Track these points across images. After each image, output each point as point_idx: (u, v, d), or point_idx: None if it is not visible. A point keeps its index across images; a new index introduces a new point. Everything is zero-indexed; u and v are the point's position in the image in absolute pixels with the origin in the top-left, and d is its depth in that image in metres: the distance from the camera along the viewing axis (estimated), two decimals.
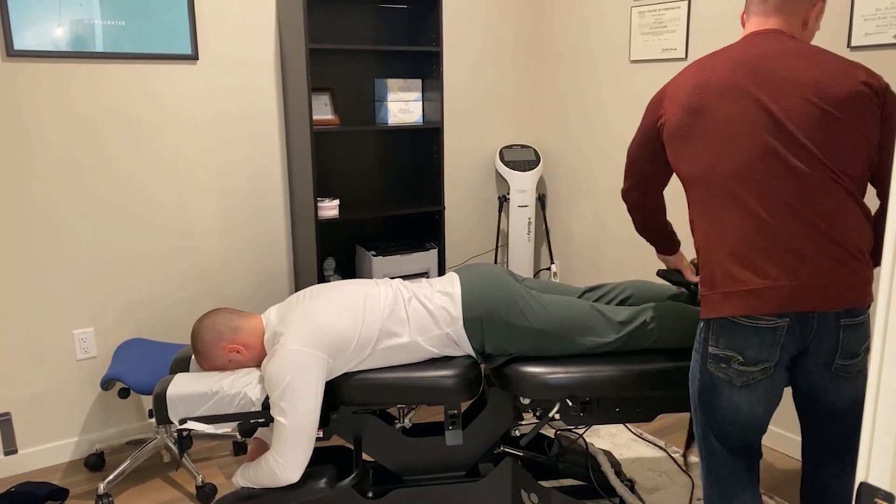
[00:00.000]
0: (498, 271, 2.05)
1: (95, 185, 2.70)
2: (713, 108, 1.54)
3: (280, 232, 3.14)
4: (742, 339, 1.51)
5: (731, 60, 1.56)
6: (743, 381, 1.54)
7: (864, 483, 0.79)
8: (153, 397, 1.86)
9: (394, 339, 1.92)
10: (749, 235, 1.49)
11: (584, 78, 3.41)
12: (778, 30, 1.59)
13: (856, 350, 1.52)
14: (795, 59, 1.51)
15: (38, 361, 2.69)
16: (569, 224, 3.63)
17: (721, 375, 1.56)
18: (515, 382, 1.94)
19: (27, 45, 2.48)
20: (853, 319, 1.50)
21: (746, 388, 1.54)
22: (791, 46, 1.54)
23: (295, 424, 1.77)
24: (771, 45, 1.55)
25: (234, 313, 1.98)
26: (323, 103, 3.01)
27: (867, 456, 0.79)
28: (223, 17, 2.84)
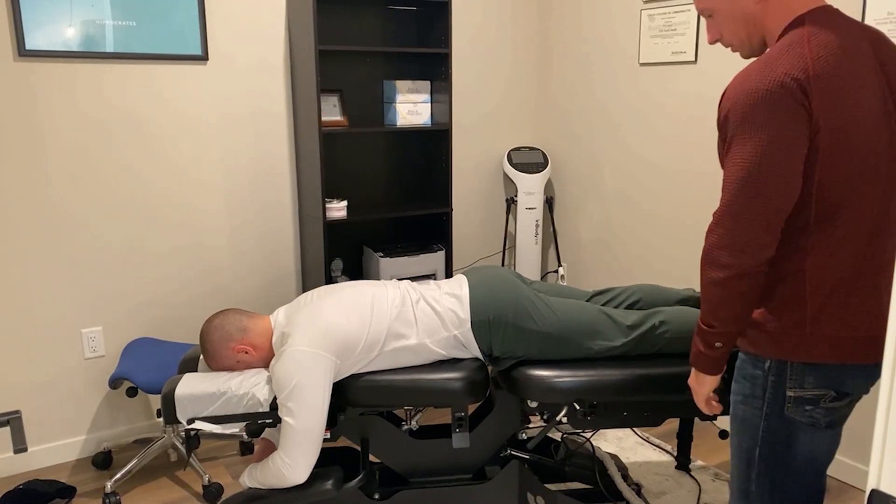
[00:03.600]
0: (506, 274, 2.05)
1: (104, 185, 2.72)
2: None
3: (288, 232, 3.14)
4: (840, 372, 1.31)
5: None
6: (829, 421, 1.34)
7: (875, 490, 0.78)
8: (161, 397, 1.86)
9: (401, 340, 1.92)
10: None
11: (594, 81, 3.40)
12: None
13: None
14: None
15: (47, 360, 2.71)
16: (577, 227, 3.62)
17: (803, 420, 1.33)
18: (523, 385, 1.93)
19: (39, 45, 2.50)
20: None
21: (830, 428, 1.35)
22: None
23: (303, 425, 1.77)
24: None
25: (242, 314, 1.99)
26: (332, 104, 3.01)
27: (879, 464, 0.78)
28: (233, 18, 2.85)
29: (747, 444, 1.40)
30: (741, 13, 1.36)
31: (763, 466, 1.38)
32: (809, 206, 1.27)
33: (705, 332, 1.37)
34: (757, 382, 1.36)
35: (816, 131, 1.23)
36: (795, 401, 1.32)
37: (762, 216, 1.24)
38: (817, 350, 1.30)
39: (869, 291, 1.30)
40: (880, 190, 1.28)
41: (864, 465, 2.51)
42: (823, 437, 1.35)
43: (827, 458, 1.39)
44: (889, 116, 1.29)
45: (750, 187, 1.24)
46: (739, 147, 1.26)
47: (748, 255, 1.26)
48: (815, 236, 1.28)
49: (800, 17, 1.30)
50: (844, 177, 1.25)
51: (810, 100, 1.22)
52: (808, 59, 1.23)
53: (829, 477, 2.59)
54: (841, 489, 2.53)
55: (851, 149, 1.25)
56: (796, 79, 1.21)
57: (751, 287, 1.29)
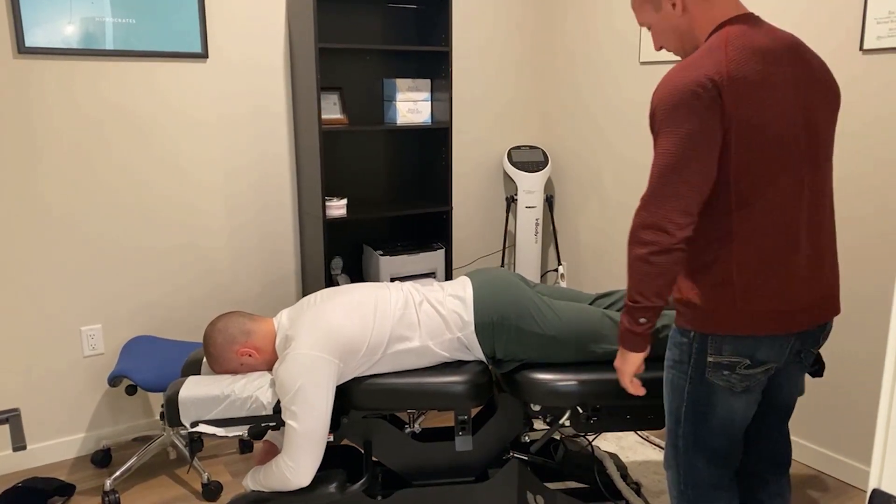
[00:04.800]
0: (510, 276, 2.04)
1: (104, 182, 2.71)
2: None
3: (288, 231, 3.14)
4: (753, 343, 1.48)
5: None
6: (745, 386, 1.51)
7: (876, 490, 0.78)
8: (165, 400, 1.86)
9: (404, 343, 1.92)
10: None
11: (594, 79, 3.40)
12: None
13: (824, 339, 1.61)
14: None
15: (46, 357, 2.70)
16: (576, 225, 3.62)
17: (721, 383, 1.51)
18: (526, 389, 1.93)
19: (38, 42, 2.49)
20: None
21: (745, 393, 1.53)
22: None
23: (306, 428, 1.77)
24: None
25: (246, 317, 1.98)
26: (332, 103, 3.01)
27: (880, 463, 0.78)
28: (233, 15, 2.85)
29: (676, 403, 1.59)
30: (670, 26, 1.53)
31: (688, 424, 1.57)
32: (728, 192, 1.42)
33: (630, 307, 1.52)
34: (683, 349, 1.54)
35: (729, 126, 1.38)
36: (714, 366, 1.49)
37: (682, 200, 1.40)
38: (741, 324, 1.46)
39: (791, 271, 1.45)
40: (793, 180, 1.43)
41: (864, 465, 2.51)
42: (739, 400, 1.53)
43: (744, 419, 1.57)
44: (805, 114, 1.43)
45: (671, 176, 1.40)
46: (663, 139, 1.41)
47: (668, 233, 1.42)
48: (738, 221, 1.43)
49: (721, 24, 1.47)
50: (756, 167, 1.40)
51: (723, 98, 1.37)
52: (724, 62, 1.38)
53: (829, 476, 2.60)
54: (841, 489, 2.53)
55: (762, 142, 1.39)
56: (712, 79, 1.36)
57: (671, 262, 1.44)
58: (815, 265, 1.49)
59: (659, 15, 1.53)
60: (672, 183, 1.40)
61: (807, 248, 1.47)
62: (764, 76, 1.39)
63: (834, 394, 2.57)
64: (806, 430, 2.68)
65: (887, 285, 2.39)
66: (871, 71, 2.34)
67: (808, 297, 1.49)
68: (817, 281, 1.50)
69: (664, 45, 1.59)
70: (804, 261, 1.47)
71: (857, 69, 2.37)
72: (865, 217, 2.41)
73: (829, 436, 2.61)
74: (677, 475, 1.63)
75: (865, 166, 2.39)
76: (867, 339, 2.45)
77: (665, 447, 1.66)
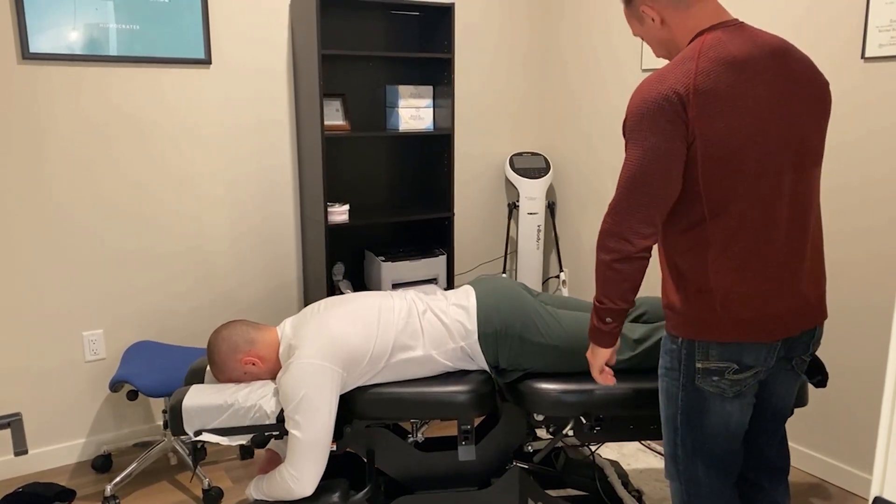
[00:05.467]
0: (514, 285, 2.04)
1: (107, 188, 2.72)
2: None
3: (290, 236, 3.14)
4: (738, 349, 1.48)
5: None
6: (736, 391, 1.52)
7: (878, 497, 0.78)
8: (169, 409, 1.86)
9: (408, 352, 1.92)
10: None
11: (596, 86, 3.40)
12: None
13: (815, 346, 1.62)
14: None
15: (48, 362, 2.70)
16: (578, 232, 3.62)
17: (711, 389, 1.52)
18: (529, 399, 1.93)
19: (42, 48, 2.50)
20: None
21: (738, 398, 1.53)
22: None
23: (309, 438, 1.76)
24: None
25: (250, 325, 1.99)
26: (334, 109, 3.02)
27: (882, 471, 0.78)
28: (237, 22, 2.86)
29: (671, 411, 1.59)
30: (654, 37, 1.57)
31: (684, 432, 1.58)
32: (700, 203, 1.44)
33: (597, 308, 1.56)
34: (674, 356, 1.55)
35: (693, 139, 1.39)
36: (703, 372, 1.51)
37: (644, 211, 1.44)
38: (724, 331, 1.47)
39: (771, 277, 1.46)
40: (777, 188, 1.43)
41: (866, 474, 2.50)
42: (732, 405, 1.53)
43: (739, 424, 1.56)
44: (786, 121, 1.43)
45: (635, 187, 1.43)
46: (630, 150, 1.45)
47: (630, 242, 1.46)
48: (712, 230, 1.45)
49: (700, 32, 1.48)
50: (727, 177, 1.41)
51: (688, 111, 1.38)
52: (692, 74, 1.39)
53: (831, 485, 2.59)
54: (844, 497, 2.52)
55: (733, 153, 1.40)
56: (678, 92, 1.38)
57: (633, 270, 1.48)
58: (796, 271, 1.49)
59: (643, 28, 1.57)
60: (636, 194, 1.44)
61: (786, 255, 1.47)
62: (735, 86, 1.39)
63: (836, 402, 2.57)
64: (808, 438, 2.67)
65: (888, 294, 2.38)
66: (872, 79, 2.34)
67: (789, 303, 1.49)
68: (798, 287, 1.50)
69: (657, 55, 1.62)
70: (783, 267, 1.47)
71: (858, 77, 2.38)
72: (866, 226, 2.41)
73: (831, 444, 2.60)
74: (679, 485, 1.63)
75: (866, 175, 2.39)
76: (869, 348, 2.45)
77: (665, 457, 1.66)
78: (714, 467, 1.58)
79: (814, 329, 1.58)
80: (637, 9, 1.54)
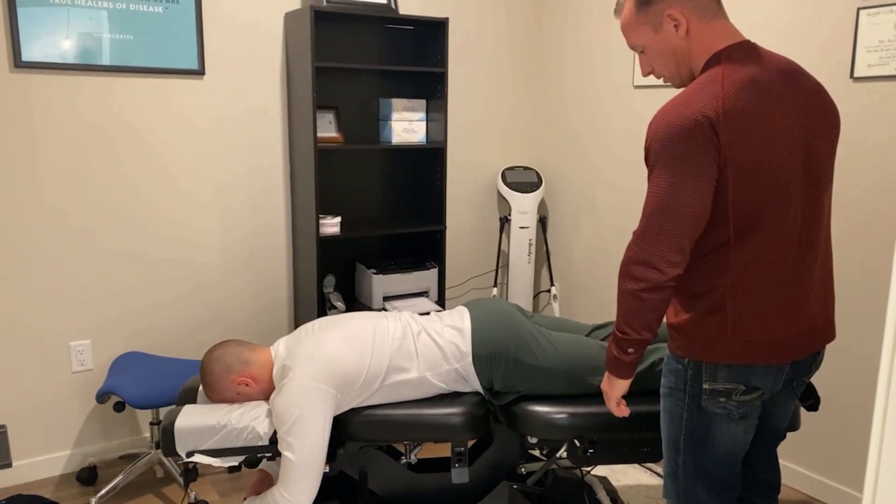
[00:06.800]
0: (508, 307, 2.04)
1: (96, 198, 2.70)
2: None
3: (281, 248, 3.13)
4: (747, 371, 1.47)
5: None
6: (742, 413, 1.50)
7: None
8: (161, 429, 1.84)
9: (402, 374, 1.91)
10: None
11: (588, 102, 3.42)
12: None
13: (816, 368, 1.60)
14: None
15: (34, 372, 2.67)
16: (569, 246, 3.63)
17: (718, 410, 1.49)
18: (523, 421, 1.92)
19: (35, 56, 2.49)
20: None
21: (743, 419, 1.51)
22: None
23: (302, 460, 1.75)
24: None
25: (243, 345, 1.97)
26: (327, 121, 3.02)
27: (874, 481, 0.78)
28: (231, 33, 2.86)
29: (675, 432, 1.56)
30: (669, 48, 1.50)
31: (687, 453, 1.55)
32: (727, 226, 1.41)
33: (619, 338, 1.50)
34: (679, 376, 1.52)
35: (725, 163, 1.36)
36: (710, 393, 1.48)
37: (674, 239, 1.39)
38: (735, 353, 1.45)
39: (782, 300, 1.45)
40: (792, 210, 1.42)
41: (856, 492, 2.51)
42: (738, 426, 1.51)
43: (743, 446, 1.55)
44: (803, 143, 1.42)
45: (665, 214, 1.39)
46: (657, 177, 1.40)
47: (661, 271, 1.41)
48: (735, 254, 1.42)
49: (717, 52, 1.44)
50: (755, 201, 1.39)
51: (719, 136, 1.35)
52: (720, 98, 1.36)
53: (820, 502, 2.59)
54: None
55: (760, 176, 1.38)
56: (707, 116, 1.34)
57: (661, 299, 1.43)
58: (809, 293, 1.48)
59: (658, 36, 1.49)
60: (665, 221, 1.39)
61: (798, 277, 1.46)
62: (761, 109, 1.37)
63: (827, 419, 2.57)
64: (799, 456, 2.67)
65: (879, 312, 2.40)
66: (861, 98, 2.37)
67: (802, 325, 1.48)
68: (811, 309, 1.49)
69: (655, 70, 1.56)
70: (795, 289, 1.46)
71: (848, 97, 2.40)
72: (855, 245, 2.43)
73: (822, 461, 2.60)
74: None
75: (855, 192, 2.41)
76: (860, 366, 2.46)
77: (664, 477, 1.64)
78: (715, 489, 1.57)
79: (819, 351, 1.56)
80: (659, 13, 1.47)
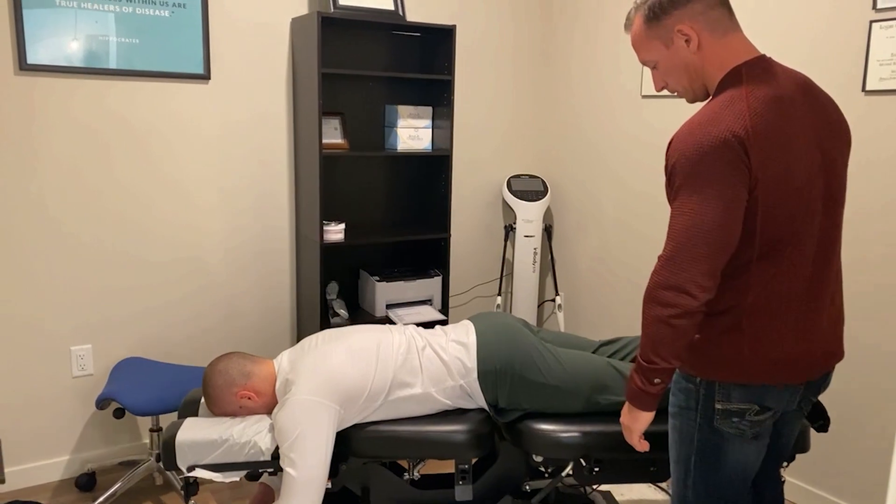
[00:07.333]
0: (514, 323, 2.01)
1: (99, 202, 2.69)
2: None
3: (284, 254, 3.11)
4: (761, 391, 1.44)
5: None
6: (755, 433, 1.47)
7: None
8: (162, 443, 1.82)
9: (406, 389, 1.88)
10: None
11: (596, 111, 3.40)
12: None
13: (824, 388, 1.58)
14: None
15: (34, 377, 2.66)
16: (575, 256, 3.61)
17: (731, 431, 1.46)
18: (528, 439, 1.89)
19: (40, 59, 2.48)
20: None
21: (756, 440, 1.48)
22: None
23: (305, 476, 1.72)
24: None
25: (246, 358, 1.95)
26: (333, 127, 3.00)
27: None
28: (237, 38, 2.85)
29: (685, 452, 1.52)
30: (681, 63, 1.46)
31: (698, 473, 1.51)
32: (752, 246, 1.38)
33: (645, 368, 1.43)
34: (690, 395, 1.48)
35: (755, 182, 1.33)
36: (723, 413, 1.44)
37: (706, 263, 1.34)
38: (750, 373, 1.41)
39: (800, 318, 1.42)
40: (816, 228, 1.40)
41: None
42: (750, 447, 1.48)
43: (755, 466, 1.51)
44: (822, 159, 1.40)
45: (694, 236, 1.34)
46: (685, 198, 1.35)
47: (692, 296, 1.35)
48: (756, 273, 1.39)
49: (737, 68, 1.41)
50: (783, 219, 1.36)
51: (749, 154, 1.31)
52: (747, 115, 1.32)
53: None
54: None
55: (788, 194, 1.35)
56: (736, 135, 1.31)
57: (691, 326, 1.38)
58: (820, 312, 1.46)
59: (669, 51, 1.46)
60: (696, 244, 1.34)
61: (813, 296, 1.44)
62: (785, 126, 1.34)
63: (836, 437, 2.54)
64: (808, 474, 2.64)
65: (889, 330, 2.37)
66: (873, 112, 2.34)
67: (817, 344, 1.45)
68: (821, 328, 1.47)
69: (668, 86, 1.53)
70: (809, 308, 1.43)
71: (859, 110, 2.38)
72: (868, 261, 2.40)
73: (831, 480, 2.57)
74: None
75: (867, 208, 2.39)
76: (870, 385, 2.43)
77: (672, 498, 1.60)
78: None
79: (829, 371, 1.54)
80: (669, 28, 1.44)
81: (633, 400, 1.50)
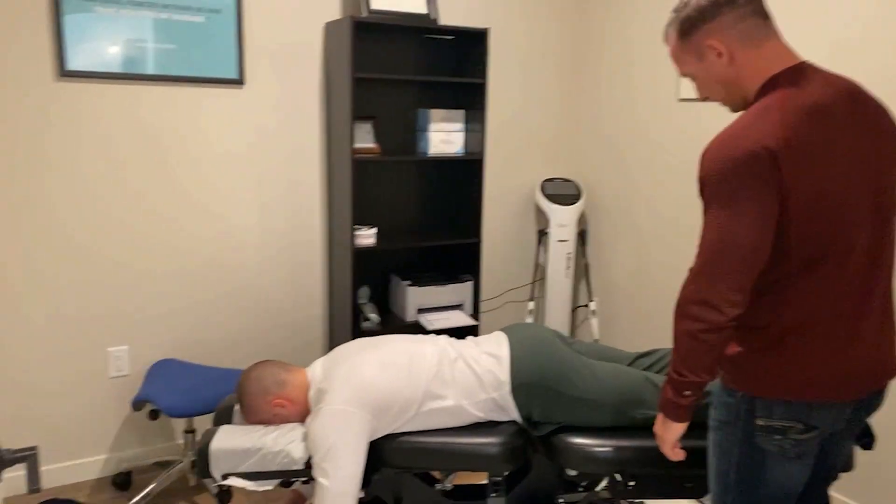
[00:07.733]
0: (548, 335, 1.98)
1: (137, 205, 2.73)
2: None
3: (316, 258, 3.12)
4: (806, 408, 1.38)
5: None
6: (798, 452, 1.41)
7: None
8: (196, 451, 1.84)
9: (438, 401, 1.87)
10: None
11: (631, 114, 3.35)
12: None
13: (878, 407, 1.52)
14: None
15: (72, 377, 2.71)
16: (609, 262, 3.55)
17: (772, 448, 1.41)
18: (563, 454, 1.86)
19: (80, 66, 2.52)
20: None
21: (799, 459, 1.43)
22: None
23: (337, 487, 1.71)
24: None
25: (280, 367, 1.96)
26: (365, 131, 3.00)
27: None
28: (271, 43, 2.87)
29: (724, 468, 1.48)
30: (716, 76, 1.44)
31: (737, 492, 1.46)
32: (789, 260, 1.34)
33: (676, 380, 1.43)
34: (731, 410, 1.45)
35: (787, 196, 1.29)
36: (764, 430, 1.41)
37: (735, 278, 1.32)
38: (794, 389, 1.37)
39: (845, 335, 1.37)
40: (863, 242, 1.35)
41: None
42: (793, 467, 1.43)
43: (798, 486, 1.46)
44: (867, 170, 1.34)
45: (724, 252, 1.32)
46: (715, 212, 1.33)
47: (720, 311, 1.33)
48: (797, 288, 1.35)
49: (774, 76, 1.37)
50: (821, 234, 1.32)
51: (780, 167, 1.27)
52: (779, 126, 1.28)
53: None
54: None
55: (826, 208, 1.30)
56: (767, 147, 1.27)
57: (721, 340, 1.36)
58: (868, 328, 1.40)
59: (703, 65, 1.44)
60: (725, 259, 1.31)
61: (865, 311, 1.38)
62: (824, 137, 1.29)
63: (881, 453, 2.45)
64: (849, 489, 2.56)
65: None
66: None
67: (865, 361, 1.40)
68: (874, 345, 1.41)
69: (710, 96, 1.50)
70: (856, 324, 1.38)
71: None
72: None
73: (875, 495, 2.48)
74: None
75: None
76: None
77: None
78: None
79: (883, 389, 1.48)
80: (699, 43, 1.42)
81: (664, 411, 1.49)
